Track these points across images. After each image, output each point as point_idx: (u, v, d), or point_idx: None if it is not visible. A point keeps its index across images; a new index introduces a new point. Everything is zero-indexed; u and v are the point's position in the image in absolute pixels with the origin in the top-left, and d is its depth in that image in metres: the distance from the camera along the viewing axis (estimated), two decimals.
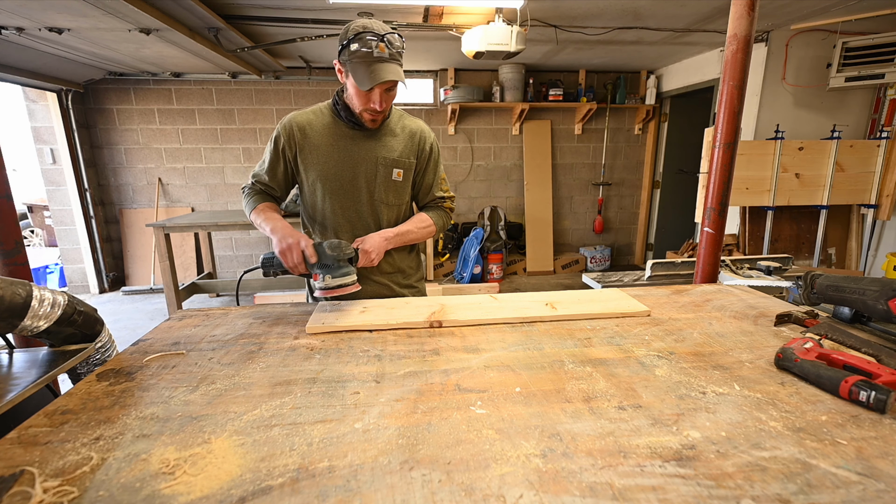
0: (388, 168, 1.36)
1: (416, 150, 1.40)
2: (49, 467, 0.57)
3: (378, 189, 1.36)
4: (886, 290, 0.92)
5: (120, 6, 2.37)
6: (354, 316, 1.09)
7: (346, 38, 1.17)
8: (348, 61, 1.19)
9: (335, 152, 1.32)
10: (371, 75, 1.16)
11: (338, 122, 1.33)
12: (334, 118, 1.34)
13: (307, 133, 1.32)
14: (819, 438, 0.63)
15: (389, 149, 1.36)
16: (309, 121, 1.33)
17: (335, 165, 1.32)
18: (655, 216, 5.49)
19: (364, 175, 1.34)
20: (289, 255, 1.13)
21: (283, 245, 1.14)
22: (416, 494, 0.52)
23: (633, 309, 1.14)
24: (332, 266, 1.10)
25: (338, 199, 1.34)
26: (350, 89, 1.24)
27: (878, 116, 3.66)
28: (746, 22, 1.40)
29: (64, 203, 4.49)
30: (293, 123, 1.32)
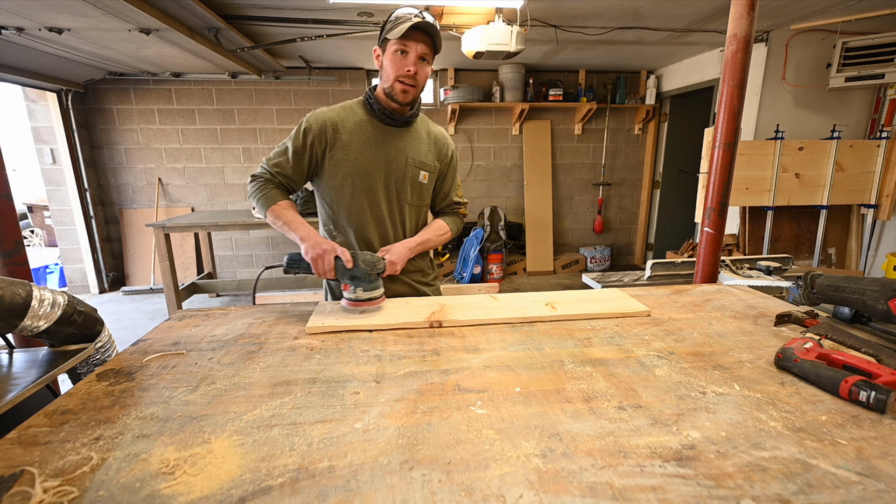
0: (416, 169, 1.37)
1: (440, 155, 1.43)
2: (49, 467, 0.57)
3: (405, 189, 1.37)
4: (886, 290, 0.92)
5: (120, 6, 2.37)
6: (354, 316, 1.09)
7: (385, 25, 1.24)
8: (386, 39, 1.24)
9: (366, 149, 1.32)
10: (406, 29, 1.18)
11: (370, 118, 1.34)
12: (366, 114, 1.34)
13: (339, 130, 1.31)
14: (819, 438, 0.63)
15: (417, 151, 1.37)
16: (340, 118, 1.32)
17: (366, 163, 1.32)
18: (655, 216, 5.49)
19: (394, 174, 1.35)
20: (320, 262, 1.13)
21: (315, 252, 1.14)
22: (416, 494, 0.52)
23: (633, 309, 1.14)
24: (363, 279, 1.11)
25: (367, 196, 1.34)
26: (385, 63, 1.26)
27: (878, 116, 3.66)
28: (746, 22, 1.40)
29: (64, 203, 4.49)
30: (326, 119, 1.31)
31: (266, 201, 1.29)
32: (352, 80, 4.71)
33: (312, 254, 1.14)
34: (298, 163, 1.32)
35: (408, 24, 1.18)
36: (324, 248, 1.14)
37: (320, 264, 1.13)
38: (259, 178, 1.33)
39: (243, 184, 4.85)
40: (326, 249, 1.14)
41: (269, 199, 1.29)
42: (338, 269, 1.13)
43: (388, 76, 1.26)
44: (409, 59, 1.23)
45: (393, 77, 1.25)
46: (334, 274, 1.14)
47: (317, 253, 1.14)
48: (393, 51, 1.23)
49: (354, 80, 4.71)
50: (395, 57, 1.23)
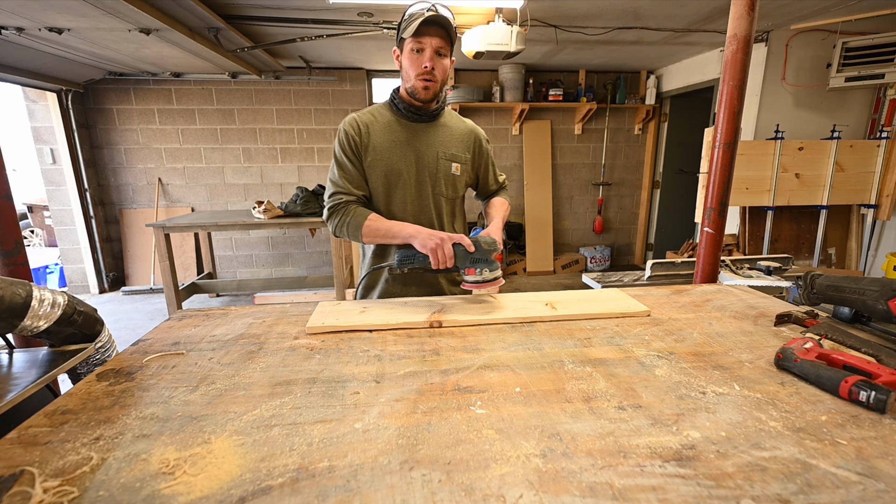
0: (448, 162, 1.39)
1: (472, 147, 1.45)
2: (49, 467, 0.57)
3: (439, 182, 1.39)
4: (886, 290, 0.92)
5: (120, 6, 2.37)
6: (354, 316, 1.09)
7: (400, 24, 1.26)
8: (402, 39, 1.25)
9: (397, 148, 1.34)
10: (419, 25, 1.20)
11: (397, 117, 1.36)
12: (393, 114, 1.36)
13: (370, 132, 1.33)
14: (819, 438, 0.63)
15: (447, 143, 1.39)
16: (370, 121, 1.35)
17: (398, 161, 1.34)
18: (655, 216, 5.50)
19: (427, 168, 1.37)
20: (440, 251, 1.15)
21: (432, 242, 1.16)
22: (416, 494, 0.52)
23: (633, 309, 1.14)
24: (485, 260, 1.15)
25: (403, 193, 1.36)
26: (405, 62, 1.28)
27: (878, 116, 3.66)
28: (746, 22, 1.40)
29: (64, 203, 4.49)
30: (358, 123, 1.33)
31: (356, 224, 1.29)
32: (352, 80, 4.71)
33: (431, 244, 1.16)
34: (361, 173, 1.34)
35: (420, 21, 1.19)
36: (441, 238, 1.16)
37: (440, 253, 1.15)
38: (336, 207, 1.32)
39: (243, 184, 4.86)
40: (444, 238, 1.16)
41: (355, 221, 1.29)
42: (458, 255, 1.16)
43: (408, 76, 1.28)
44: (426, 55, 1.24)
45: (413, 76, 1.27)
46: (454, 261, 1.16)
47: (435, 243, 1.15)
48: (409, 49, 1.25)
49: (354, 80, 4.72)
50: (412, 55, 1.25)
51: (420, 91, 1.29)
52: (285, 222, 3.66)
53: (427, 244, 1.17)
